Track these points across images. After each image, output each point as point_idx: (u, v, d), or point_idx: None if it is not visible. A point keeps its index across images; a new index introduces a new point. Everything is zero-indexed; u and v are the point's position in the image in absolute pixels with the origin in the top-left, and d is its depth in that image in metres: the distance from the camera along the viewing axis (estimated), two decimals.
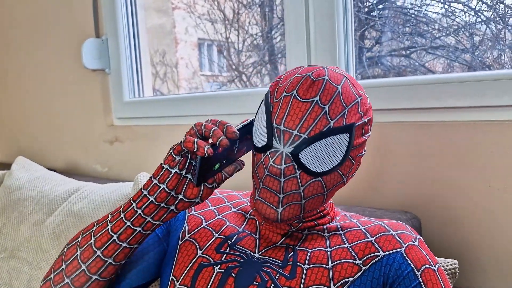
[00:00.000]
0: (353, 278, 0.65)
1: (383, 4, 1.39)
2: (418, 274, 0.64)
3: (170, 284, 0.71)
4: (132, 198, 0.68)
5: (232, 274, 0.68)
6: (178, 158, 0.65)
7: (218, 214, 0.79)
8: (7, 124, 2.30)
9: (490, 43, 1.13)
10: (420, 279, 0.63)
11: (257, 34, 2.52)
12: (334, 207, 0.76)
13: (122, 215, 0.68)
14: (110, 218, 0.70)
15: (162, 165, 0.66)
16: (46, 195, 1.27)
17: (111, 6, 1.61)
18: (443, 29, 1.24)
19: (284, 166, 0.64)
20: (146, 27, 1.70)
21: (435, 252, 0.97)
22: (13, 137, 2.28)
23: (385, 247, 0.67)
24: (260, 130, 0.67)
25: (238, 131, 0.64)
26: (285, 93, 0.66)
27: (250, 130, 0.70)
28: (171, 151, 0.65)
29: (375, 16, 1.38)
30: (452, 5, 1.21)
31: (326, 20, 1.10)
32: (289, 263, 0.68)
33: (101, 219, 0.71)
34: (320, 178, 0.66)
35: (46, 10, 1.90)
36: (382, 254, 0.66)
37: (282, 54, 2.18)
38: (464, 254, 0.95)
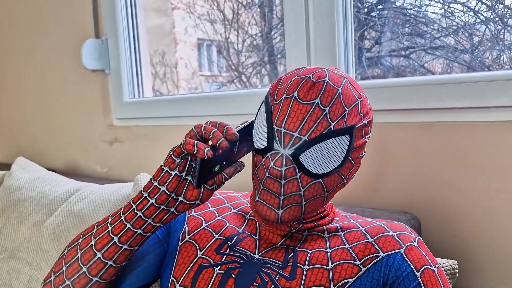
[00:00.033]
0: (353, 279, 0.65)
1: (383, 4, 1.39)
2: (418, 274, 0.64)
3: (170, 285, 0.71)
4: (132, 200, 0.68)
5: (232, 275, 0.68)
6: (178, 160, 0.65)
7: (218, 215, 0.79)
8: (7, 124, 2.30)
9: (490, 44, 1.14)
10: (419, 280, 0.63)
11: (256, 35, 2.52)
12: (334, 208, 0.77)
13: (123, 217, 0.68)
14: (110, 220, 0.70)
15: (162, 167, 0.66)
16: (46, 196, 1.27)
17: (111, 7, 1.61)
18: (443, 29, 1.24)
19: (284, 168, 0.64)
20: (146, 28, 1.70)
21: (435, 252, 0.97)
22: (13, 137, 2.28)
23: (384, 248, 0.67)
24: (260, 132, 0.67)
25: (237, 133, 0.64)
26: (285, 95, 0.66)
27: (250, 131, 0.70)
28: (171, 153, 0.65)
29: (375, 16, 1.38)
30: (451, 5, 1.21)
31: (325, 20, 1.10)
32: (289, 264, 0.68)
33: (101, 221, 0.71)
34: (320, 180, 0.66)
35: (46, 10, 1.90)
36: (382, 254, 0.66)
37: (281, 55, 2.18)
38: (463, 255, 0.95)
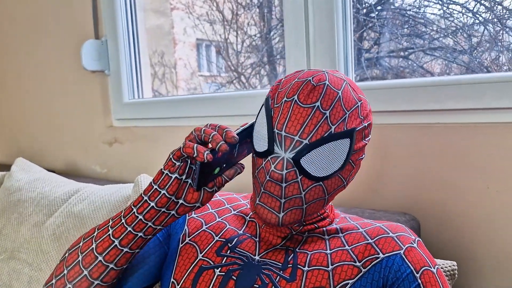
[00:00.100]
0: (353, 280, 0.65)
1: (382, 5, 1.39)
2: (417, 275, 0.64)
3: (170, 287, 0.71)
4: (132, 203, 0.68)
5: (232, 277, 0.68)
6: (178, 164, 0.65)
7: (218, 217, 0.79)
8: (7, 124, 2.30)
9: (488, 45, 1.14)
10: (419, 281, 0.64)
11: (255, 35, 2.52)
12: (334, 209, 0.77)
13: (123, 221, 0.68)
14: (111, 223, 0.70)
15: (162, 170, 0.66)
16: (46, 197, 1.27)
17: (111, 8, 1.61)
18: (441, 30, 1.24)
19: (285, 171, 0.64)
20: (145, 28, 1.70)
21: (434, 253, 0.97)
22: (13, 137, 2.28)
23: (384, 249, 0.67)
24: (261, 135, 0.67)
25: (237, 136, 0.64)
26: (285, 98, 0.66)
27: (250, 133, 0.70)
28: (171, 157, 0.65)
29: (374, 17, 1.39)
30: (450, 6, 1.21)
31: (325, 21, 1.10)
32: (289, 266, 0.68)
33: (102, 224, 0.71)
34: (321, 183, 0.66)
35: (46, 10, 1.90)
36: (381, 256, 0.66)
37: (281, 55, 2.18)
38: (462, 256, 0.95)
